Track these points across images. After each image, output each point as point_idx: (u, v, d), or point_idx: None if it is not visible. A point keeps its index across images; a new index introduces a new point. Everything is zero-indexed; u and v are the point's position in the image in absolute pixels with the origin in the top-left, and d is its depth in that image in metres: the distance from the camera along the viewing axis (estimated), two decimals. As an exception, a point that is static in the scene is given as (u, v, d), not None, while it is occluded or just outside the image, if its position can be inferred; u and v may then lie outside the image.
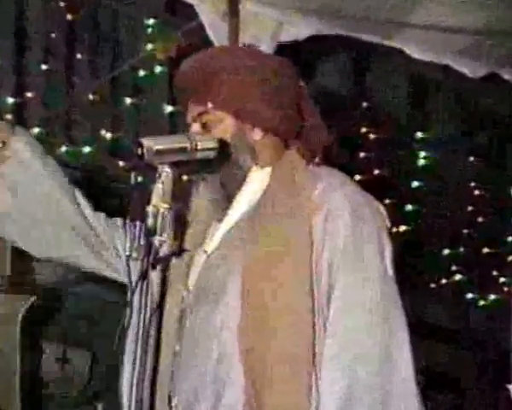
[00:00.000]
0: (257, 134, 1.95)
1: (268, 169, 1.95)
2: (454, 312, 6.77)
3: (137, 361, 1.81)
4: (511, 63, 3.76)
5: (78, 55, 5.24)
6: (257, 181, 1.95)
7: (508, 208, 6.96)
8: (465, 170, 6.79)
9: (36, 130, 4.94)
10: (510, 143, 7.20)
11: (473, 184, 6.73)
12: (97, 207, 2.11)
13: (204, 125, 1.96)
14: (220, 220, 1.97)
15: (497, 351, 6.57)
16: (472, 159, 6.79)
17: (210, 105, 1.93)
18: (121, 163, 4.99)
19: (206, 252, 1.94)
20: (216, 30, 3.66)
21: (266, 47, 3.67)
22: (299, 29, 3.50)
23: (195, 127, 1.98)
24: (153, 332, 1.91)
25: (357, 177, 4.85)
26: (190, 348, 1.89)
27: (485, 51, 3.57)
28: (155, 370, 1.92)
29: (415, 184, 6.43)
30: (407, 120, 6.75)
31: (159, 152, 1.88)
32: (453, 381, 6.69)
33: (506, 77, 3.86)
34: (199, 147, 1.93)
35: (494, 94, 6.50)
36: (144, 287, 1.83)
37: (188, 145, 1.91)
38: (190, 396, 1.86)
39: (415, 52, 3.59)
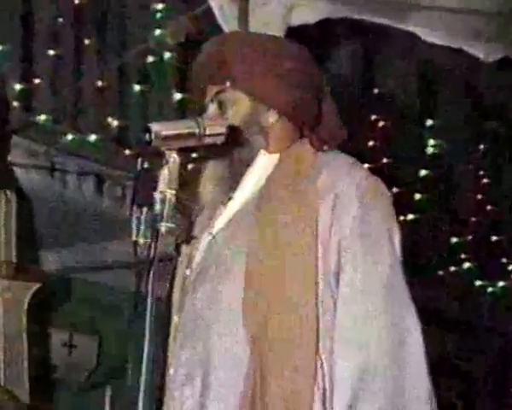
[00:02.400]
0: (272, 116, 1.94)
1: (276, 155, 1.94)
2: (463, 300, 6.74)
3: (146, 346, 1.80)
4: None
5: (86, 41, 5.20)
6: (263, 166, 1.95)
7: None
8: (474, 158, 6.75)
9: (42, 117, 4.91)
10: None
11: (481, 173, 6.69)
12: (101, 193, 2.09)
13: (220, 105, 1.96)
14: (225, 204, 1.96)
15: (506, 339, 6.55)
16: (481, 147, 6.75)
17: (228, 84, 1.92)
18: (128, 151, 4.96)
19: (211, 234, 1.94)
20: (225, 14, 3.62)
21: (276, 31, 3.62)
22: (309, 12, 3.46)
23: (212, 108, 1.97)
24: (161, 322, 1.91)
25: (366, 165, 4.80)
26: (191, 323, 1.89)
27: (499, 34, 3.52)
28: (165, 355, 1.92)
29: (423, 172, 6.39)
30: (416, 107, 6.71)
31: (167, 137, 1.86)
32: (461, 369, 6.67)
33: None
34: (207, 132, 1.90)
35: (504, 81, 6.45)
36: (152, 273, 1.81)
37: (196, 131, 1.89)
38: (187, 369, 1.87)
39: (427, 35, 3.54)
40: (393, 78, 6.48)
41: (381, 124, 6.18)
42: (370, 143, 6.10)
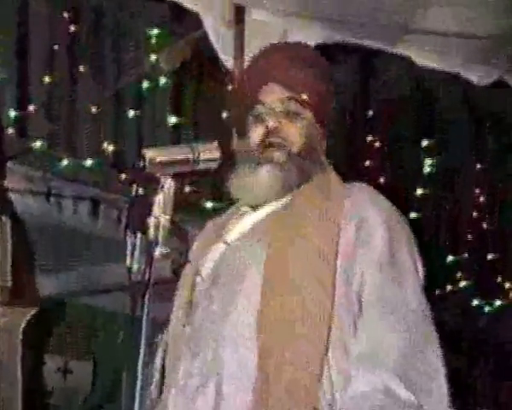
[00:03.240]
0: (323, 143, 2.00)
1: None
2: (460, 319, 6.72)
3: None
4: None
5: (81, 68, 5.22)
6: None
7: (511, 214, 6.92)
8: (470, 176, 6.75)
9: (38, 143, 4.92)
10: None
11: (478, 191, 6.69)
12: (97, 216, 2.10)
13: (287, 113, 1.92)
14: (242, 215, 1.97)
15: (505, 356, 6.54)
16: (478, 166, 6.76)
17: (305, 97, 1.91)
18: (123, 175, 4.97)
19: (225, 242, 1.94)
20: (220, 38, 3.64)
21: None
22: (304, 37, 3.47)
23: (276, 111, 1.93)
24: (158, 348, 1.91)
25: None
26: (200, 332, 1.88)
27: (493, 57, 3.53)
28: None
29: (419, 191, 6.38)
30: (412, 126, 6.71)
31: (161, 163, 1.86)
32: (462, 387, 6.65)
33: (512, 83, 3.83)
34: (201, 158, 1.90)
35: (501, 100, 6.47)
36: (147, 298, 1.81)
37: (190, 156, 1.89)
38: (200, 380, 1.85)
39: (421, 59, 3.55)
40: (389, 98, 6.49)
41: (377, 144, 6.18)
42: (367, 163, 6.10)
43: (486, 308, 6.60)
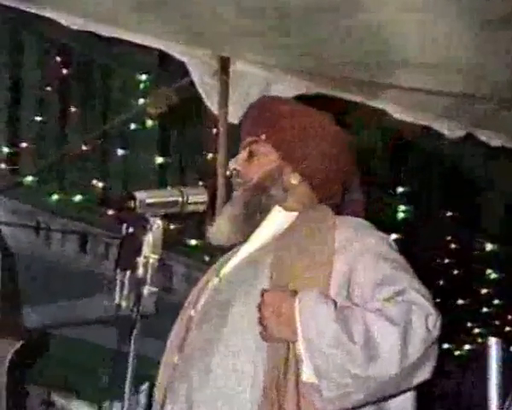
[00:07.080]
0: (294, 179, 1.98)
1: (293, 213, 1.95)
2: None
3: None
4: (485, 125, 3.79)
5: (72, 108, 5.27)
6: (278, 222, 1.95)
7: (482, 261, 6.98)
8: (442, 224, 6.81)
9: (29, 179, 4.94)
10: (484, 198, 7.26)
11: (449, 238, 6.75)
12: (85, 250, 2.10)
13: (251, 154, 1.99)
14: (236, 252, 1.97)
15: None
16: (449, 213, 6.82)
17: (263, 137, 1.98)
18: (111, 212, 4.99)
19: (218, 276, 1.95)
20: (206, 87, 3.67)
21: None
22: (285, 88, 3.52)
23: (242, 154, 2.01)
24: None
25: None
26: (189, 360, 1.88)
27: (462, 113, 3.60)
28: None
29: (393, 236, 6.43)
30: (387, 175, 6.77)
31: (150, 205, 1.88)
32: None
33: (481, 138, 3.89)
34: (190, 201, 1.92)
35: (470, 153, 6.57)
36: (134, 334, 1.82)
37: (179, 199, 1.91)
38: (185, 406, 1.84)
39: (396, 112, 3.62)
40: (366, 148, 6.56)
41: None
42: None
43: (456, 352, 6.62)
